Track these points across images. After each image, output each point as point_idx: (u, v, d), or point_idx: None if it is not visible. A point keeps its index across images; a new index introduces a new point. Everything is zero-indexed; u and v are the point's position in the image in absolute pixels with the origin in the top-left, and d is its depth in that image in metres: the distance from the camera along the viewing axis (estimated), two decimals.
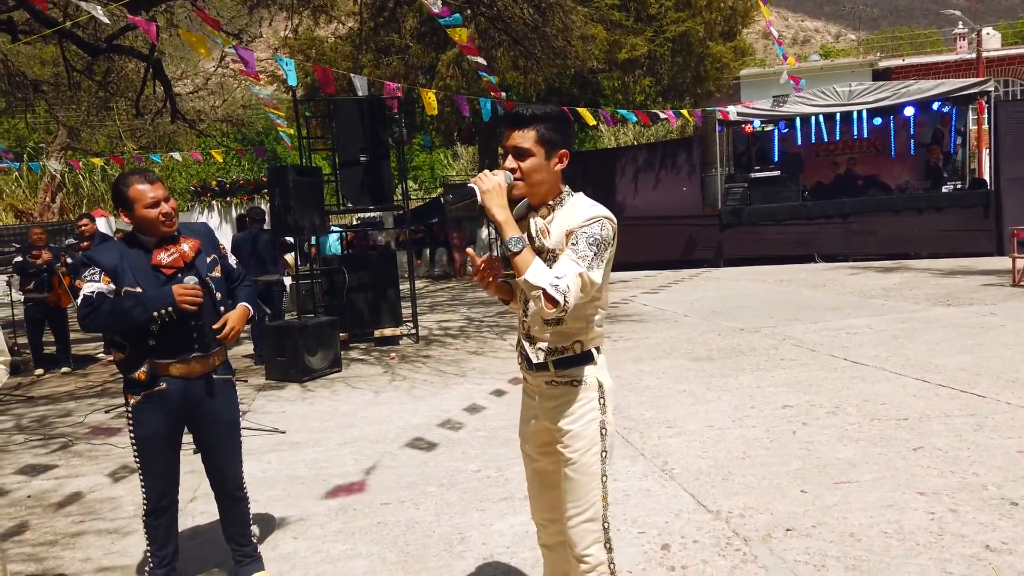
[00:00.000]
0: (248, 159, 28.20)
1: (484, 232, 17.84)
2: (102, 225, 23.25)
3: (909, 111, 14.85)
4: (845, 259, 14.52)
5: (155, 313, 2.67)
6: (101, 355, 9.39)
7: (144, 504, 2.89)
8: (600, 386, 2.19)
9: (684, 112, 11.53)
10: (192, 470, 3.85)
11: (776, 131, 16.29)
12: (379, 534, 3.53)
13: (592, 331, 2.19)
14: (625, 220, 13.78)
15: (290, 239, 9.38)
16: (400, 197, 10.05)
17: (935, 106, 14.80)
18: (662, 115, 10.57)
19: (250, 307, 2.95)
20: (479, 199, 2.08)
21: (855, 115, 15.06)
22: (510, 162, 2.15)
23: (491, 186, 2.07)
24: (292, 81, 7.90)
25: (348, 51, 14.97)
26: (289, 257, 10.20)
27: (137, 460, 2.85)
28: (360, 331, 9.09)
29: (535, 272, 2.00)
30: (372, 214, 17.86)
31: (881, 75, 21.01)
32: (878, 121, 15.47)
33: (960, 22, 25.49)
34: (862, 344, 6.94)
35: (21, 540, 3.71)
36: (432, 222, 20.39)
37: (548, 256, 2.12)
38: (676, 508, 3.59)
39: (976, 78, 16.80)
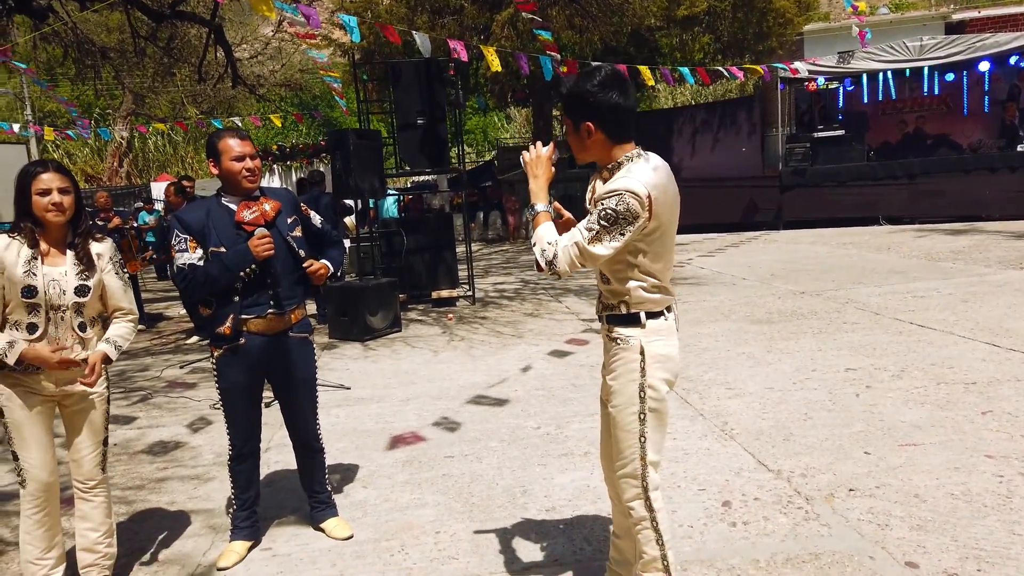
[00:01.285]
0: (306, 123, 28.58)
1: None
2: (159, 190, 23.99)
3: (984, 66, 14.14)
4: (911, 222, 14.04)
5: (240, 273, 2.82)
6: (171, 313, 9.78)
7: (229, 450, 3.05)
8: (642, 350, 2.23)
9: (753, 66, 11.14)
10: (266, 422, 4.02)
11: (841, 89, 15.72)
12: (444, 485, 3.66)
13: (637, 295, 2.23)
14: (682, 182, 13.47)
15: (349, 202, 9.56)
16: (456, 160, 10.10)
17: (1012, 60, 14.06)
18: (725, 72, 10.20)
19: (331, 266, 3.08)
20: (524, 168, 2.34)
21: (926, 71, 14.42)
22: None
23: (531, 158, 2.31)
24: (356, 38, 7.94)
25: (403, 13, 14.94)
26: (349, 220, 10.38)
27: (222, 409, 3.01)
28: (418, 292, 9.25)
29: (537, 236, 2.23)
30: (425, 177, 17.97)
31: (955, 28, 19.96)
32: (950, 77, 14.78)
33: None
34: (929, 308, 6.77)
35: (112, 484, 3.95)
36: (486, 185, 20.43)
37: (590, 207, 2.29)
38: (736, 467, 3.62)
39: None
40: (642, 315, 2.24)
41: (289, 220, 3.00)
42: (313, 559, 3.00)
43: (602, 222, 2.10)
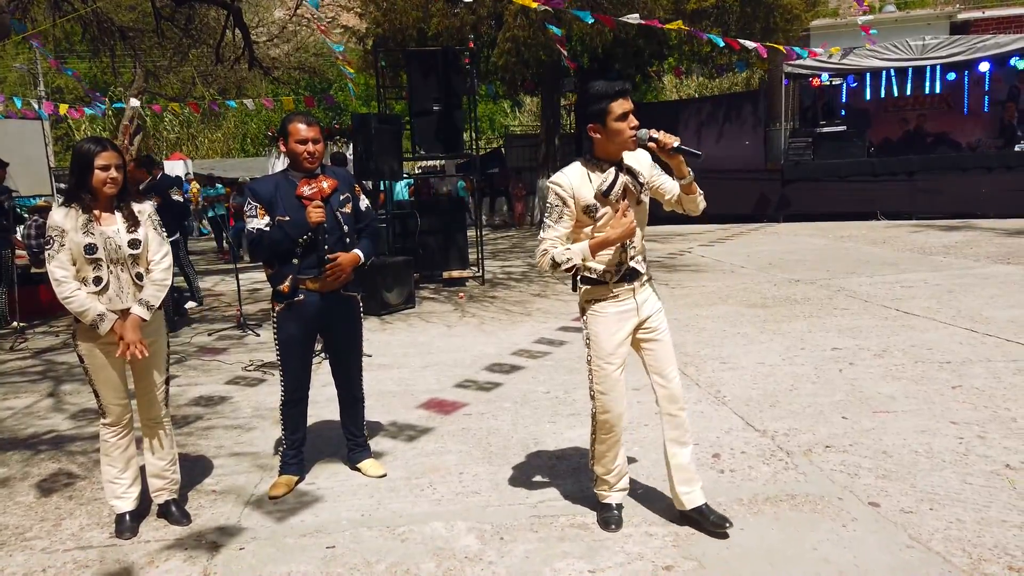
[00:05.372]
0: (321, 108, 28.87)
1: (541, 182, 18.18)
2: (179, 168, 24.30)
3: (984, 66, 14.48)
4: (909, 217, 14.42)
5: (299, 239, 3.25)
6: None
7: (282, 395, 3.47)
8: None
9: (776, 45, 11.52)
10: None
11: (844, 85, 16.07)
12: (464, 437, 4.08)
13: None
14: None
15: (367, 184, 9.93)
16: (470, 146, 10.47)
17: (1012, 61, 14.39)
18: (751, 45, 10.63)
19: (362, 255, 3.44)
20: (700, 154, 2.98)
21: (928, 70, 14.76)
22: (633, 121, 2.80)
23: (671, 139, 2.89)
24: None
25: (418, 1, 15.26)
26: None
27: (278, 358, 3.42)
28: (430, 272, 9.65)
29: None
30: (433, 163, 18.31)
31: (959, 28, 20.24)
32: (952, 76, 15.13)
33: None
34: (915, 296, 7.17)
35: None
36: (492, 172, 20.80)
37: (647, 183, 2.99)
38: (727, 427, 4.04)
39: None
40: None
41: (341, 197, 3.41)
42: (353, 491, 3.42)
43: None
